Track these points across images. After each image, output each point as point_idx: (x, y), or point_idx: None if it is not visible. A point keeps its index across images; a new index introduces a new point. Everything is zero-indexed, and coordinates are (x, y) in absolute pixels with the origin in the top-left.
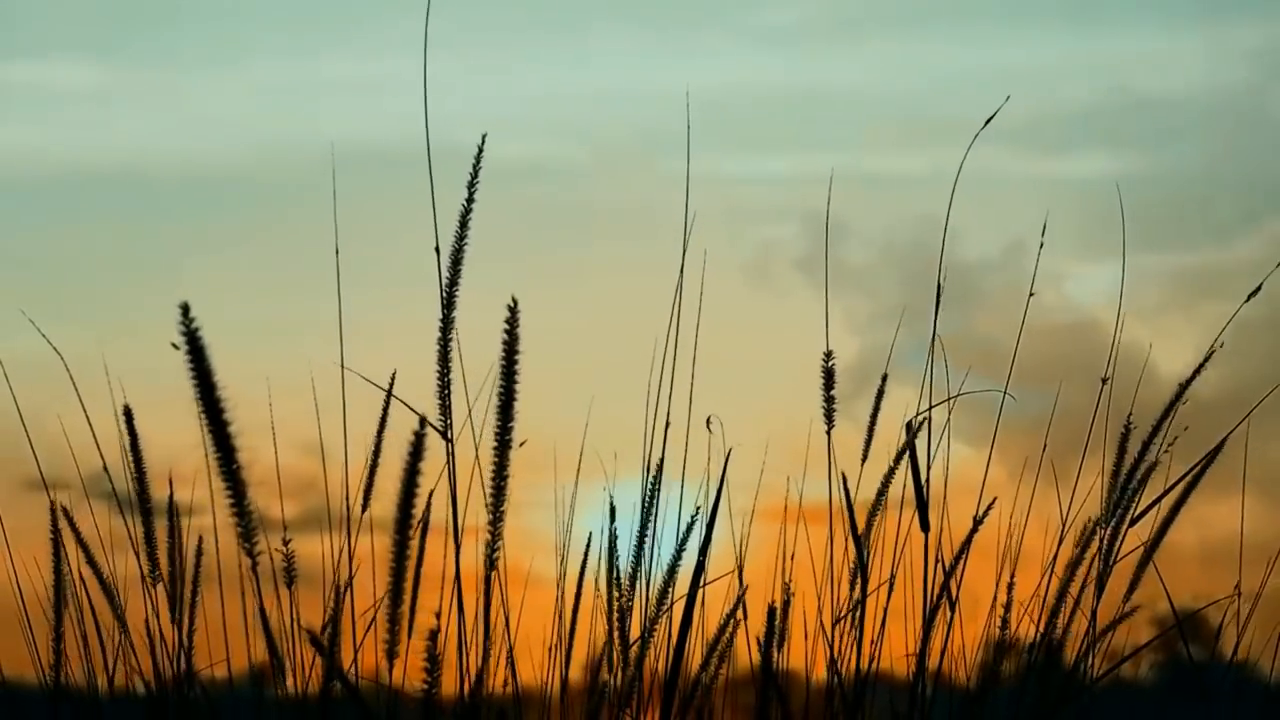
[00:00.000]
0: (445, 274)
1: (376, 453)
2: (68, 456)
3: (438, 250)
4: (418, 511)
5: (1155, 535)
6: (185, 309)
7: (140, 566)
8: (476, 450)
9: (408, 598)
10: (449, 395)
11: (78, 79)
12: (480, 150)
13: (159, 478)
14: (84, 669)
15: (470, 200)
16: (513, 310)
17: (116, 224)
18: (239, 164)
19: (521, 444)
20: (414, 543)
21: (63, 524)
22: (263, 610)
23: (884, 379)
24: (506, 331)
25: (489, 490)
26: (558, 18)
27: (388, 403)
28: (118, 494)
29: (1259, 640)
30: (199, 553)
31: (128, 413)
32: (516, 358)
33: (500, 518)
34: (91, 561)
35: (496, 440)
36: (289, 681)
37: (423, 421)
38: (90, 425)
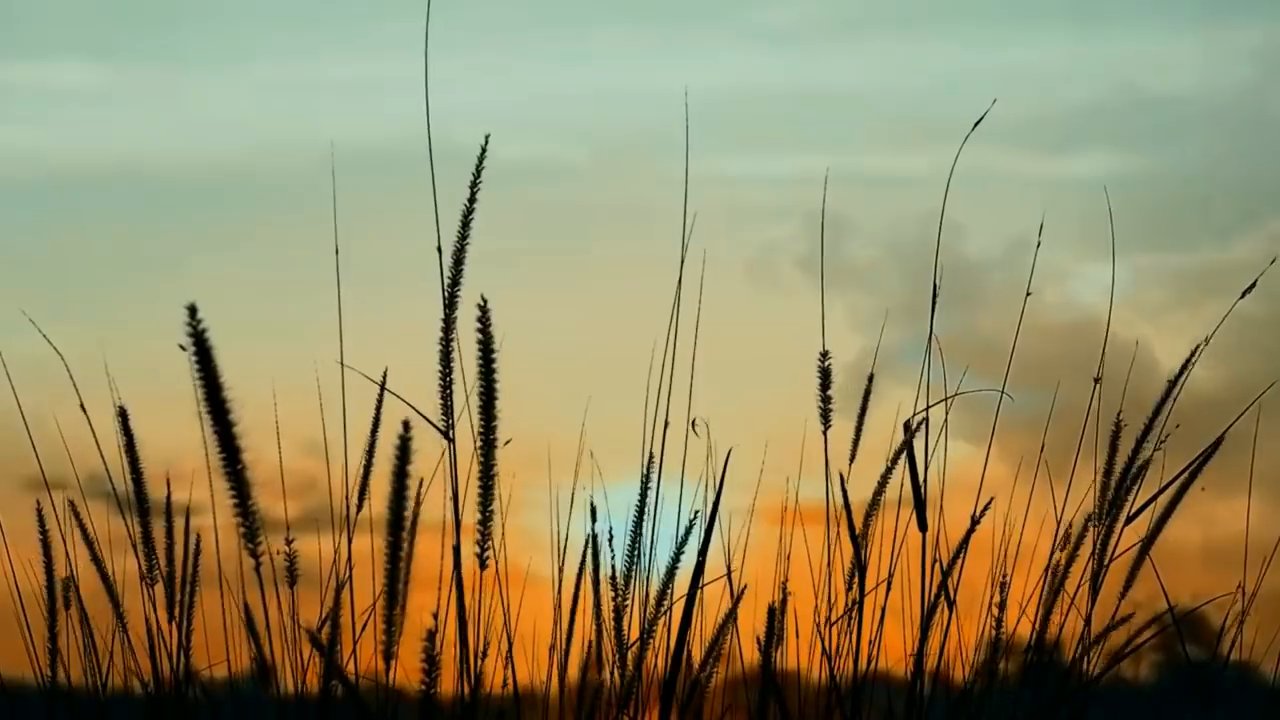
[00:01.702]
0: (447, 274)
1: (370, 452)
2: (68, 456)
3: (439, 250)
4: (409, 512)
5: (1150, 532)
6: (193, 310)
7: (139, 566)
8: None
9: (402, 598)
10: (451, 395)
11: (78, 79)
12: (484, 150)
13: (158, 478)
14: (84, 669)
15: (473, 200)
16: (483, 309)
17: (116, 224)
18: (239, 164)
19: (506, 443)
20: (407, 543)
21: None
22: (248, 613)
23: (870, 380)
24: (480, 331)
25: (477, 490)
26: (558, 17)
27: (380, 400)
28: (117, 494)
29: (1261, 640)
30: (197, 552)
31: (123, 413)
32: (493, 357)
33: (489, 517)
34: (96, 559)
35: (481, 440)
36: (286, 682)
37: (406, 424)
38: (90, 425)
